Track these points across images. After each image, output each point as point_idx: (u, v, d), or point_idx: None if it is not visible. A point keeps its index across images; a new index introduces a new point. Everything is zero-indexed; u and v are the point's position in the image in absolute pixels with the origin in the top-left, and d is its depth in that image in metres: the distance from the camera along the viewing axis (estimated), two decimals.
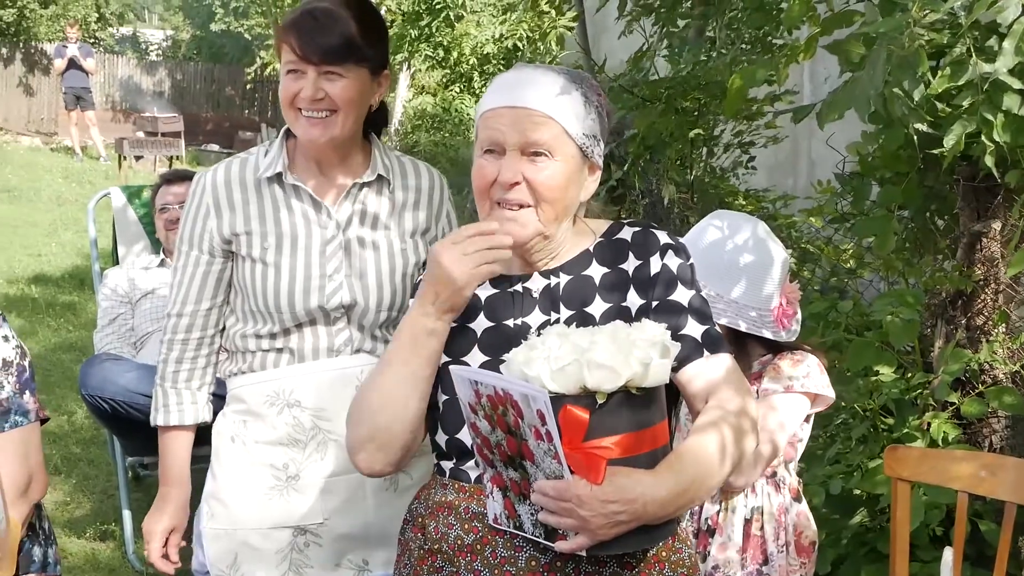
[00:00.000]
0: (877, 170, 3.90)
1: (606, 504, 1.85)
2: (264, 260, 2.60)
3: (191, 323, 2.67)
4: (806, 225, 6.35)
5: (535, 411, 1.82)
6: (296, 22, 2.53)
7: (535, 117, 2.12)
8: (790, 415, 2.78)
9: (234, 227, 2.61)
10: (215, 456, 2.70)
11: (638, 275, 2.19)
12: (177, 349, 2.69)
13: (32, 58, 22.55)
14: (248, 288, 2.62)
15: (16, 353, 2.62)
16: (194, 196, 2.66)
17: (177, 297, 2.68)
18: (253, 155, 2.70)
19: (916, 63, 2.49)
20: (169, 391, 2.70)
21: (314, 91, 2.51)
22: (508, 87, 2.18)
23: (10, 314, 9.07)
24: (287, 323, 2.60)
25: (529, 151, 2.12)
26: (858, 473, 3.86)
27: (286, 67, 2.55)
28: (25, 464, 2.58)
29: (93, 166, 18.12)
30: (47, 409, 6.60)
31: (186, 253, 2.66)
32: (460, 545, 2.10)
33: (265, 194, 2.63)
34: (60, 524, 5.23)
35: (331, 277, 2.61)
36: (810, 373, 2.82)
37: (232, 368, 2.70)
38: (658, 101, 4.89)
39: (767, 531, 2.81)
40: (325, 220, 2.63)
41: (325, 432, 2.61)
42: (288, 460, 2.62)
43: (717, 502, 2.81)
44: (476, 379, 1.91)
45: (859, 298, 4.37)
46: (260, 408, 2.63)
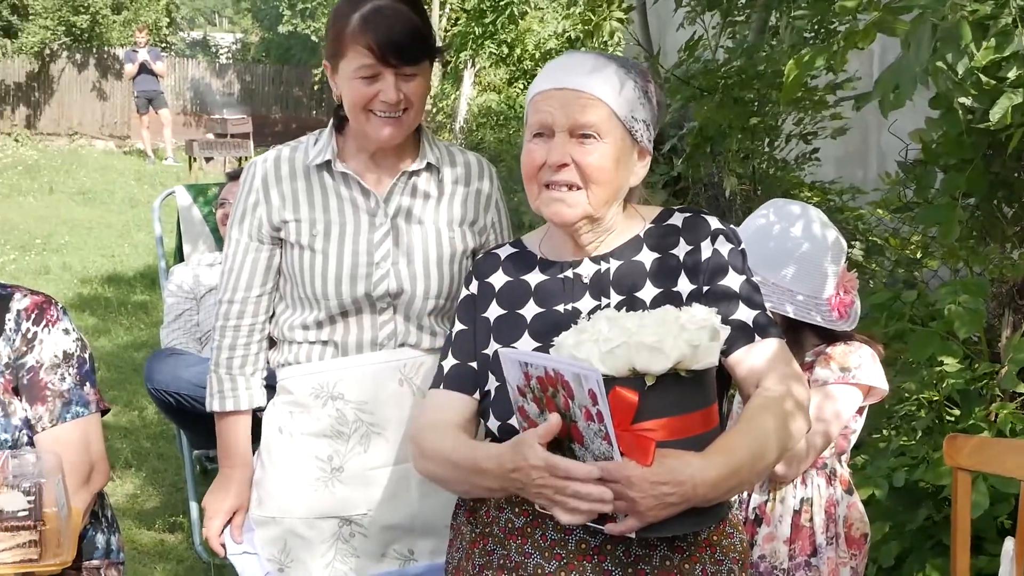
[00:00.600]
0: (941, 157, 3.83)
1: (656, 485, 1.84)
2: (312, 247, 2.60)
3: (242, 310, 2.69)
4: (874, 217, 6.26)
5: (587, 391, 1.81)
6: (368, 23, 2.49)
7: (583, 98, 2.13)
8: (842, 406, 2.75)
9: (283, 214, 2.62)
10: (264, 445, 2.73)
11: (688, 261, 2.19)
12: (230, 336, 2.70)
13: (105, 63, 22.90)
14: (296, 275, 2.63)
15: (77, 346, 2.66)
16: (244, 184, 2.68)
17: (228, 284, 2.70)
18: (303, 143, 2.70)
19: (959, 36, 2.44)
20: (224, 377, 2.72)
21: (396, 94, 2.51)
22: (558, 71, 2.19)
23: (83, 313, 9.26)
24: (333, 311, 2.61)
25: (578, 133, 2.13)
26: (923, 465, 3.79)
27: (359, 72, 2.51)
28: (86, 454, 2.62)
29: (164, 168, 18.40)
30: (118, 405, 6.78)
31: (236, 240, 2.68)
32: (511, 528, 2.11)
33: (314, 181, 2.64)
34: (131, 516, 5.33)
35: (378, 265, 2.61)
36: (863, 364, 2.77)
37: (279, 358, 2.72)
38: (716, 91, 4.84)
39: (816, 523, 2.77)
40: (374, 208, 2.63)
41: (368, 425, 2.63)
42: (332, 452, 2.64)
43: (765, 492, 2.79)
44: (526, 360, 1.91)
45: (924, 288, 4.29)
46: (305, 399, 2.65)
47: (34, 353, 2.60)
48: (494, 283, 2.32)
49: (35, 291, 2.68)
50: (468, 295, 2.34)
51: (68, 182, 16.57)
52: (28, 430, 2.57)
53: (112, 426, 6.53)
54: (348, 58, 2.52)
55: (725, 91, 4.87)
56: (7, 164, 17.70)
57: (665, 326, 1.89)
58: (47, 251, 11.86)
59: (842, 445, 2.83)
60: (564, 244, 2.27)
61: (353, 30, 2.49)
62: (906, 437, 3.96)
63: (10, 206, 14.43)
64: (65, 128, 22.25)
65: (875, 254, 5.86)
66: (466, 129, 14.98)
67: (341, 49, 2.53)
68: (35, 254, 11.67)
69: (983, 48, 2.60)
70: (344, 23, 2.51)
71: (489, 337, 2.26)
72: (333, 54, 2.57)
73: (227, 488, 2.76)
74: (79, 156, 19.49)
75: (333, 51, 2.57)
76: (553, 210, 2.16)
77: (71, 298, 9.81)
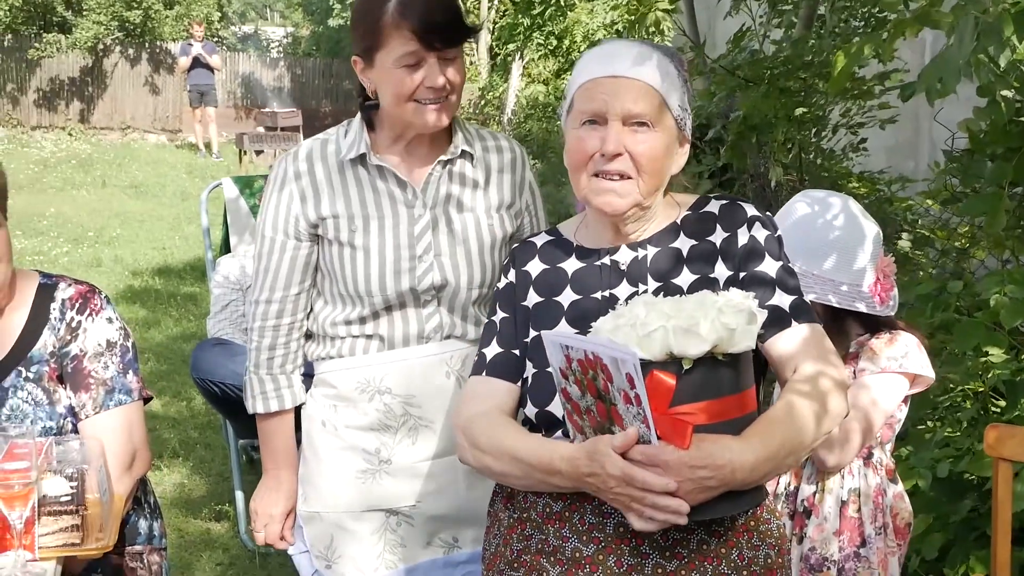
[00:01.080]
0: (988, 146, 3.79)
1: (694, 469, 1.85)
2: (352, 243, 2.57)
3: (281, 309, 2.65)
4: (923, 208, 6.21)
5: (624, 374, 1.82)
6: (408, 8, 2.43)
7: (637, 86, 2.14)
8: (887, 395, 2.73)
9: (320, 211, 2.58)
10: (307, 440, 2.71)
11: (725, 247, 2.19)
12: (269, 336, 2.66)
13: (157, 58, 23.11)
14: (337, 272, 2.59)
15: (120, 334, 2.69)
16: (275, 181, 2.63)
17: (265, 283, 2.65)
18: (332, 136, 2.66)
19: (1001, 28, 2.42)
20: (265, 378, 2.68)
21: (442, 79, 2.47)
22: (606, 58, 2.19)
23: (134, 305, 9.38)
24: (377, 307, 2.58)
25: (631, 121, 2.14)
26: (968, 456, 3.76)
27: (402, 60, 2.46)
28: (129, 441, 2.65)
29: (215, 162, 18.56)
30: (167, 395, 6.86)
31: (270, 239, 2.62)
32: (549, 513, 2.12)
33: (349, 176, 2.60)
34: (178, 505, 5.40)
35: (421, 258, 2.58)
36: (908, 352, 2.76)
37: (320, 352, 2.68)
38: (761, 82, 4.82)
39: (864, 513, 2.76)
40: (411, 199, 2.60)
41: (416, 418, 2.61)
42: (379, 445, 2.62)
43: (814, 483, 2.78)
44: (567, 343, 1.92)
45: (971, 278, 4.25)
46: (350, 394, 2.62)
47: (78, 342, 2.64)
48: (531, 271, 2.33)
49: (79, 280, 2.72)
50: (508, 283, 2.35)
51: (120, 175, 16.80)
52: (72, 417, 2.62)
53: (160, 416, 6.61)
54: (388, 48, 2.46)
55: (771, 81, 4.84)
56: (61, 158, 17.95)
57: (702, 310, 1.89)
58: (99, 243, 12.02)
59: (887, 434, 2.82)
60: (602, 232, 2.27)
61: (392, 17, 2.43)
62: (951, 428, 3.93)
63: (64, 199, 14.63)
64: (118, 122, 22.49)
65: (923, 245, 5.81)
66: (514, 121, 14.99)
67: (378, 40, 2.47)
68: (87, 246, 11.83)
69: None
70: (379, 12, 2.45)
71: (528, 325, 2.27)
72: (368, 47, 2.51)
73: (278, 490, 2.73)
74: (131, 150, 19.75)
75: (368, 44, 2.50)
76: (604, 200, 2.17)
77: (122, 290, 9.93)
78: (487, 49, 17.41)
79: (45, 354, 2.62)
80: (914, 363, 2.76)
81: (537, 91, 15.50)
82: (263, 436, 2.74)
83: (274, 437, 2.72)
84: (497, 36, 17.46)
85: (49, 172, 16.70)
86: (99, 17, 22.05)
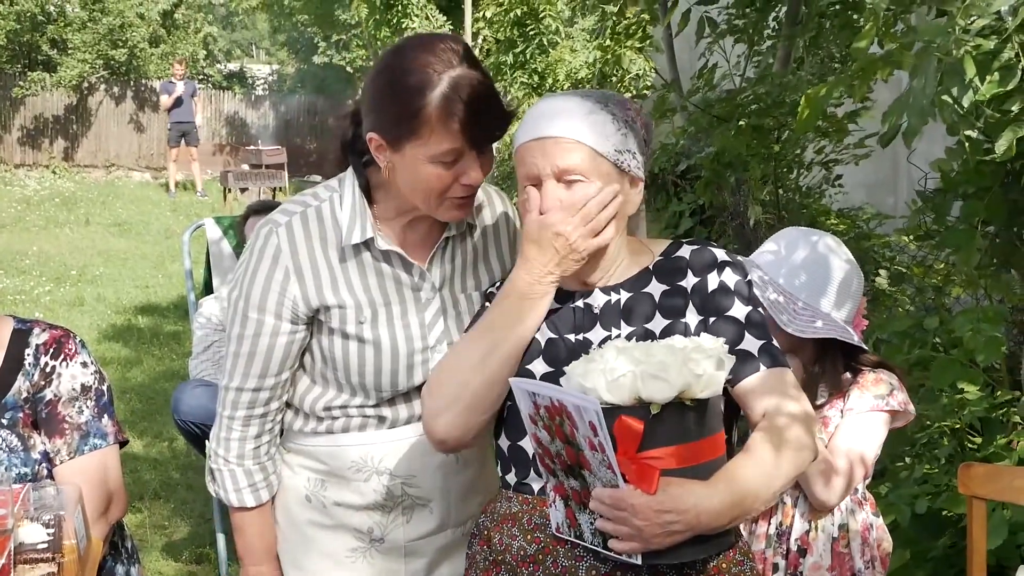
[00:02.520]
0: (960, 185, 3.84)
1: (660, 514, 1.87)
2: (361, 337, 2.35)
3: (270, 396, 2.41)
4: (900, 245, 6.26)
5: (587, 422, 1.85)
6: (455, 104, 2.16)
7: (562, 144, 2.16)
8: (875, 434, 2.77)
9: (324, 298, 2.33)
10: (283, 512, 2.52)
11: (696, 291, 2.22)
12: (256, 425, 2.43)
13: (142, 96, 23.17)
14: (340, 364, 2.38)
15: (95, 378, 2.69)
16: (264, 256, 2.34)
17: (250, 370, 2.38)
18: (326, 205, 2.37)
19: (963, 70, 2.46)
20: (252, 469, 2.46)
21: (481, 176, 2.25)
22: (534, 121, 2.20)
23: (116, 344, 9.36)
24: (384, 398, 2.41)
25: (564, 178, 2.16)
26: (945, 493, 3.79)
27: (442, 157, 2.20)
28: (104, 486, 2.64)
29: (199, 200, 18.57)
30: (148, 436, 6.84)
31: (257, 321, 2.35)
32: (523, 556, 2.14)
33: (351, 260, 2.35)
34: (158, 547, 5.38)
35: (434, 348, 2.40)
36: (893, 391, 2.80)
37: (305, 427, 2.48)
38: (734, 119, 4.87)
39: (853, 548, 2.79)
40: (418, 282, 2.40)
41: (413, 498, 2.46)
42: (373, 524, 2.47)
43: (806, 521, 2.80)
44: (533, 391, 1.95)
45: (946, 316, 4.29)
46: (343, 472, 2.44)
47: (52, 387, 2.63)
48: None
49: (54, 325, 2.72)
50: None
51: (104, 214, 16.80)
52: (47, 463, 2.61)
53: (142, 457, 6.59)
54: (425, 141, 2.18)
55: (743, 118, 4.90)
56: (44, 196, 17.95)
57: (671, 355, 1.91)
58: (82, 282, 12.01)
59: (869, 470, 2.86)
60: (573, 275, 2.30)
61: (438, 111, 2.16)
62: (928, 465, 3.95)
63: (47, 238, 14.63)
64: (102, 160, 22.52)
65: (900, 282, 5.85)
66: (497, 159, 15.05)
67: (417, 131, 2.18)
68: (70, 285, 11.82)
69: (987, 82, 2.62)
70: (421, 101, 2.16)
71: None
72: (399, 134, 2.21)
73: None
74: (115, 188, 19.77)
75: (400, 131, 2.21)
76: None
77: (105, 329, 9.92)
78: None
79: (19, 400, 2.61)
80: (898, 400, 2.79)
81: None
82: (242, 529, 2.51)
83: (254, 531, 2.50)
84: None
85: (32, 210, 16.69)
86: (84, 55, 22.11)
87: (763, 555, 2.79)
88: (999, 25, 2.69)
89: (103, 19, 22.55)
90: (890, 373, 2.85)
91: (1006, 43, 2.63)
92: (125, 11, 22.84)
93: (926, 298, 5.47)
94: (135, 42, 23.07)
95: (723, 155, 5.03)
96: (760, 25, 6.14)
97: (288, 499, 2.51)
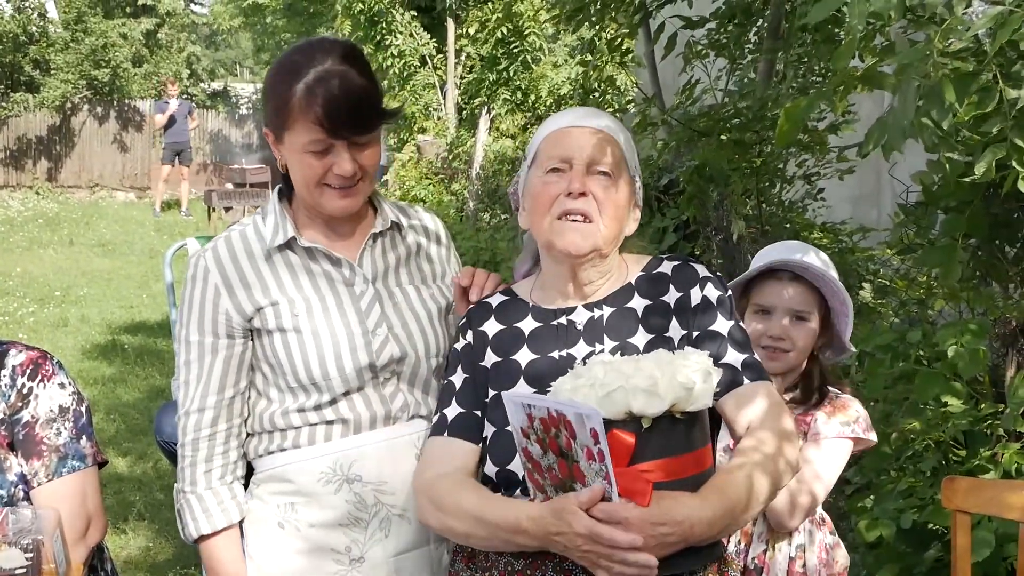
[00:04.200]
0: (941, 199, 3.84)
1: (655, 526, 1.88)
2: (298, 328, 2.38)
3: (216, 416, 2.42)
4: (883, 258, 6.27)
5: (589, 430, 1.85)
6: (314, 95, 2.27)
7: (602, 136, 2.23)
8: (838, 459, 2.79)
9: (256, 301, 2.40)
10: (256, 548, 2.46)
11: (679, 306, 2.23)
12: (204, 447, 2.43)
13: (126, 115, 23.16)
14: (285, 363, 2.39)
15: (72, 399, 2.67)
16: (195, 280, 2.43)
17: (195, 393, 2.42)
18: (249, 225, 2.48)
19: (942, 93, 2.48)
20: (204, 494, 2.44)
21: (351, 166, 2.32)
22: (574, 114, 2.30)
23: (100, 364, 9.32)
24: (336, 390, 2.39)
25: (595, 169, 2.21)
26: (931, 506, 3.78)
27: (309, 146, 2.31)
28: (83, 508, 2.61)
29: (184, 219, 18.54)
30: (132, 456, 6.80)
31: (198, 343, 2.42)
32: (511, 572, 2.14)
33: (278, 262, 2.42)
34: (143, 569, 5.34)
35: (375, 332, 2.42)
36: (860, 418, 2.83)
37: (267, 446, 2.46)
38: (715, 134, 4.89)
39: (809, 568, 2.79)
40: (350, 276, 2.45)
41: (388, 507, 2.41)
42: (350, 542, 2.41)
43: (764, 542, 2.80)
44: (529, 403, 1.95)
45: (929, 329, 4.30)
46: (313, 487, 2.40)
47: (29, 408, 2.61)
48: (488, 331, 2.34)
49: (31, 346, 2.69)
50: (466, 344, 2.36)
51: (88, 234, 16.75)
52: (24, 485, 2.58)
53: (126, 478, 6.55)
54: (295, 132, 2.32)
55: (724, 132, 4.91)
56: (28, 217, 17.90)
57: (660, 369, 1.93)
58: (66, 303, 11.94)
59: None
60: (557, 291, 2.30)
61: (299, 102, 2.28)
62: (913, 479, 3.95)
63: (30, 259, 14.57)
64: (86, 180, 22.49)
65: (884, 295, 5.86)
66: (482, 176, 15.06)
67: (285, 121, 2.33)
68: (54, 306, 11.75)
69: (966, 104, 2.63)
70: (287, 94, 2.30)
71: (486, 385, 2.28)
72: (277, 125, 2.37)
73: None
74: (99, 208, 19.72)
75: (276, 122, 2.36)
76: (568, 240, 2.20)
77: (89, 349, 9.87)
78: (454, 104, 17.54)
79: None
80: (864, 427, 2.82)
81: (505, 145, 15.61)
82: (211, 563, 2.47)
83: (220, 559, 2.45)
84: (464, 91, 17.58)
85: (16, 231, 16.63)
86: (67, 76, 22.10)
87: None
88: (977, 47, 2.71)
89: (86, 39, 22.59)
90: (854, 400, 2.87)
91: (984, 65, 2.64)
92: (108, 31, 22.89)
93: (910, 311, 5.48)
94: (118, 62, 23.10)
95: (704, 169, 5.04)
96: (741, 40, 6.16)
97: (262, 533, 2.46)
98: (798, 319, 2.80)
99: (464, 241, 11.59)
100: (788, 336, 2.79)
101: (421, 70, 17.62)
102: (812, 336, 2.81)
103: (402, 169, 16.83)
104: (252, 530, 2.47)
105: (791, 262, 2.80)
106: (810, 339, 2.81)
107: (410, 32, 17.41)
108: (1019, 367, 3.82)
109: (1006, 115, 2.68)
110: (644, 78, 7.18)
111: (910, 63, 2.49)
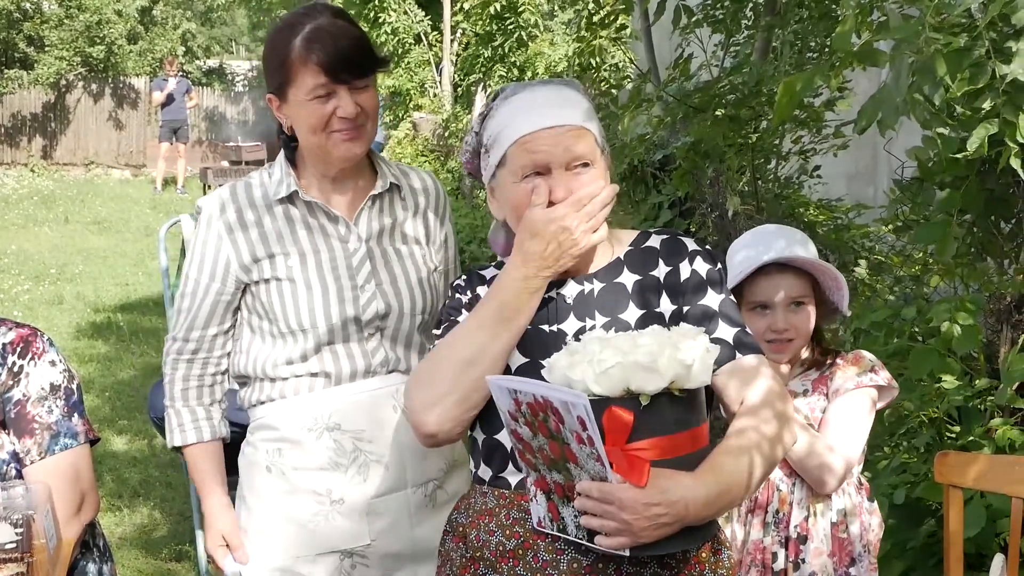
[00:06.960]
0: (936, 175, 3.83)
1: (649, 507, 1.87)
2: (291, 278, 2.58)
3: (197, 347, 2.67)
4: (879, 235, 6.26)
5: (575, 417, 1.84)
6: (313, 43, 2.49)
7: (574, 131, 2.17)
8: (865, 412, 2.78)
9: (254, 252, 2.60)
10: (248, 489, 2.69)
11: (669, 281, 2.21)
12: (183, 367, 2.68)
13: (121, 93, 23.08)
14: (277, 309, 2.60)
15: (64, 377, 2.66)
16: (202, 226, 2.63)
17: (183, 323, 2.67)
18: (256, 179, 2.68)
19: (934, 68, 2.47)
20: (182, 410, 2.70)
21: (354, 107, 2.50)
22: (535, 109, 2.20)
23: (96, 341, 9.31)
24: (321, 339, 2.57)
25: (574, 165, 2.17)
26: (925, 482, 3.79)
27: (313, 92, 2.50)
28: (76, 485, 2.61)
29: (179, 197, 18.49)
30: (128, 434, 6.81)
31: (195, 280, 2.64)
32: (502, 551, 2.12)
33: (279, 215, 2.62)
34: (138, 545, 5.35)
35: (363, 287, 2.60)
36: (875, 367, 2.82)
37: (259, 396, 2.66)
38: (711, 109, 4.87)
39: (852, 532, 2.79)
40: (346, 233, 2.63)
41: (366, 454, 2.60)
42: (331, 485, 2.60)
43: (804, 507, 2.78)
44: (515, 388, 1.94)
45: (924, 305, 4.30)
46: (297, 434, 2.61)
47: (21, 386, 2.60)
48: (482, 296, 2.32)
49: (21, 324, 2.68)
50: (470, 298, 2.30)
51: (83, 211, 16.71)
52: (16, 463, 2.57)
53: (121, 455, 6.55)
54: (298, 83, 2.51)
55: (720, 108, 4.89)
56: (23, 195, 17.85)
57: (659, 345, 1.91)
58: (61, 280, 11.93)
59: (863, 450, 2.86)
60: None
61: (299, 54, 2.49)
62: (907, 455, 3.96)
63: (26, 236, 14.54)
64: (81, 158, 22.43)
65: (880, 271, 5.86)
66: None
67: (288, 75, 2.52)
68: (49, 284, 11.74)
69: (958, 79, 2.63)
70: (286, 50, 2.51)
71: None
72: (280, 84, 2.55)
73: (222, 516, 2.70)
74: (95, 185, 19.67)
75: (279, 81, 2.55)
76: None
77: (84, 327, 9.86)
78: (450, 81, 17.47)
79: None
80: (883, 376, 2.80)
81: None
82: (191, 465, 2.74)
83: (202, 468, 2.71)
84: (460, 67, 17.52)
85: (11, 209, 16.59)
86: (62, 53, 22.01)
87: (760, 544, 2.78)
88: (969, 22, 2.70)
89: (80, 16, 22.47)
90: (863, 352, 2.87)
91: (977, 40, 2.63)
92: (102, 7, 22.78)
93: (905, 288, 5.48)
94: (113, 39, 23.00)
95: (699, 145, 5.02)
96: (737, 15, 6.13)
97: (254, 476, 2.67)
98: (796, 305, 2.79)
99: (460, 218, 11.55)
100: (791, 325, 2.78)
101: (416, 47, 17.54)
102: (812, 317, 2.81)
103: (398, 146, 16.77)
104: (245, 473, 2.70)
105: (780, 258, 2.77)
106: (811, 321, 2.81)
107: (404, 9, 17.33)
108: (1013, 343, 3.82)
109: (998, 91, 2.67)
110: (640, 53, 7.13)
111: (904, 38, 2.48)
